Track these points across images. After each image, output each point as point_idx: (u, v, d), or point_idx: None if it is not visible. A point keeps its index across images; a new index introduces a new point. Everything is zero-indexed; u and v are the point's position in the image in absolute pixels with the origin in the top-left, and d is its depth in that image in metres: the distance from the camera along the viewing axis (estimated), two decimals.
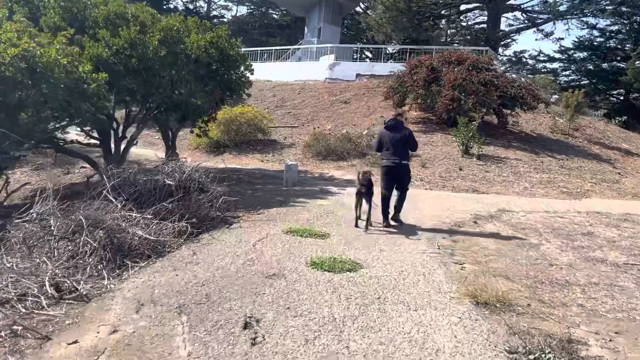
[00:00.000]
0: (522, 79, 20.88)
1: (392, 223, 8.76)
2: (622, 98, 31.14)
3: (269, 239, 7.24)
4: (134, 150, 19.53)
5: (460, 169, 16.37)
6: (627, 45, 30.36)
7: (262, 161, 17.85)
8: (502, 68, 22.42)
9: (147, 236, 6.33)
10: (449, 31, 36.55)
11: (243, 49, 16.79)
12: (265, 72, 30.51)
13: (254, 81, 29.81)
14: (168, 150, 15.03)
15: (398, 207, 8.93)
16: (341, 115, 23.24)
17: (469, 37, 32.73)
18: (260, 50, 32.72)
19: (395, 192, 8.96)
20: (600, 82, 28.88)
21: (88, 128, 11.81)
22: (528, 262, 6.91)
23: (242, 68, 14.89)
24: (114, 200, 6.98)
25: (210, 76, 13.63)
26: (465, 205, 11.40)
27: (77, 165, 16.99)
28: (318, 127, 21.00)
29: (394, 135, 8.74)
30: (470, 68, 20.10)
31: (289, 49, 32.82)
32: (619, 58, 30.78)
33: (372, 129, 19.88)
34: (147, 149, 20.59)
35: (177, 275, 5.55)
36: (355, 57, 31.63)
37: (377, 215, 8.78)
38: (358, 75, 28.61)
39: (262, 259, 6.26)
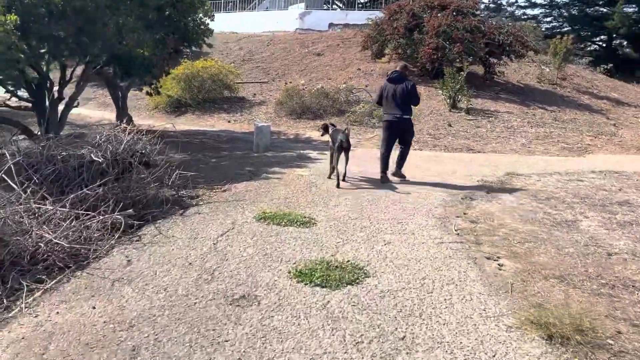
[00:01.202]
0: (509, 25, 18.96)
1: (393, 178, 8.29)
2: (604, 45, 29.59)
3: (236, 232, 5.30)
4: (82, 112, 17.18)
5: (450, 125, 14.56)
6: None
7: (229, 122, 15.69)
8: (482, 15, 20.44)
9: (58, 241, 4.33)
10: None
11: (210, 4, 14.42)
12: (230, 23, 27.82)
13: (218, 33, 27.16)
14: (118, 111, 12.77)
15: (400, 162, 8.38)
16: (315, 69, 21.03)
17: None
18: None
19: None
20: (584, 29, 27.19)
21: (12, 88, 9.48)
22: (577, 250, 5.16)
23: (200, 14, 12.57)
24: (15, 186, 4.91)
25: (161, 23, 11.31)
26: (467, 169, 9.62)
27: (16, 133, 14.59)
28: (290, 82, 18.82)
29: (396, 88, 8.16)
30: (455, 13, 18.03)
31: None
32: (601, 2, 29.04)
33: (350, 83, 17.82)
34: (100, 110, 18.18)
35: (93, 307, 3.59)
36: (326, 6, 29.09)
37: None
38: (331, 24, 26.22)
39: (226, 268, 4.33)
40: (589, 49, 28.22)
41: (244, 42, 25.84)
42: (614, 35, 27.89)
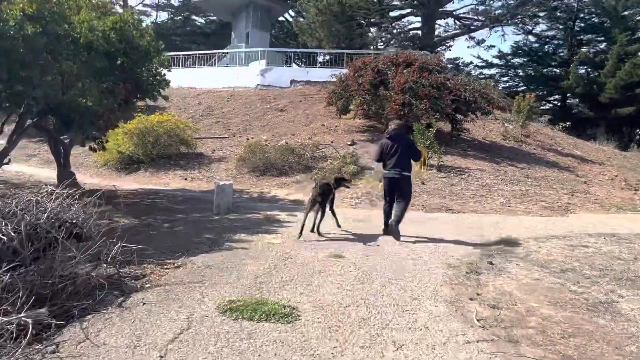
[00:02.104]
0: (475, 82, 18.53)
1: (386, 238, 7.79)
2: (559, 104, 29.96)
3: (192, 335, 3.82)
4: (22, 170, 15.38)
5: (423, 183, 13.52)
6: (563, 51, 29.25)
7: (185, 179, 14.20)
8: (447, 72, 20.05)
9: None
10: (383, 37, 34.27)
11: (165, 54, 13.18)
12: (189, 78, 26.77)
13: (176, 88, 26.03)
14: (60, 169, 11.13)
15: (398, 217, 7.94)
16: (277, 125, 19.96)
17: (405, 42, 30.54)
18: (184, 54, 28.82)
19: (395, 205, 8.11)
20: (539, 88, 27.40)
21: None
22: None
23: (155, 64, 11.33)
24: None
25: (111, 71, 9.97)
26: (454, 231, 8.45)
27: None
28: (252, 138, 17.61)
29: (396, 145, 8.01)
30: (421, 69, 17.43)
31: (216, 53, 29.11)
32: (554, 63, 29.59)
33: (314, 139, 16.76)
34: (44, 168, 16.38)
35: None
36: (287, 62, 28.47)
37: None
38: (293, 81, 25.44)
39: None
40: (544, 107, 28.40)
41: (203, 97, 24.69)
42: (569, 95, 28.28)
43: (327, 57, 29.36)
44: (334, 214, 8.33)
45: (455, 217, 10.68)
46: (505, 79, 31.65)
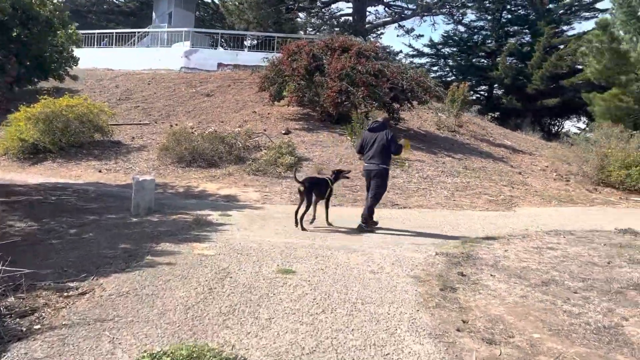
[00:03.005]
0: (411, 70, 17.83)
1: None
2: (487, 95, 30.22)
3: None
4: None
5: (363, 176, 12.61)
6: (491, 41, 29.44)
7: (100, 171, 12.44)
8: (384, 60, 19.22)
9: None
10: (314, 22, 33.08)
11: (74, 28, 11.33)
12: (105, 59, 24.45)
13: (90, 70, 23.68)
14: None
15: (367, 208, 7.89)
16: (204, 111, 18.37)
17: (335, 29, 29.58)
18: (99, 33, 26.23)
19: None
20: (469, 78, 27.40)
21: None
22: None
23: (61, 38, 9.59)
24: None
25: (6, 46, 8.20)
26: (411, 234, 7.55)
27: None
28: (176, 125, 15.98)
29: (376, 137, 7.85)
30: (358, 56, 16.47)
31: (135, 32, 26.75)
32: (483, 54, 29.75)
33: (246, 126, 15.43)
34: None
35: None
36: (214, 45, 26.63)
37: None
38: (220, 64, 23.79)
39: None
40: (472, 97, 28.51)
41: (121, 79, 22.52)
42: (497, 85, 28.54)
43: (257, 41, 27.86)
44: (327, 207, 8.07)
45: (402, 213, 9.82)
46: (436, 68, 31.60)
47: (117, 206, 8.74)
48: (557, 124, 31.25)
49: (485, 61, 29.85)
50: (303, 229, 7.45)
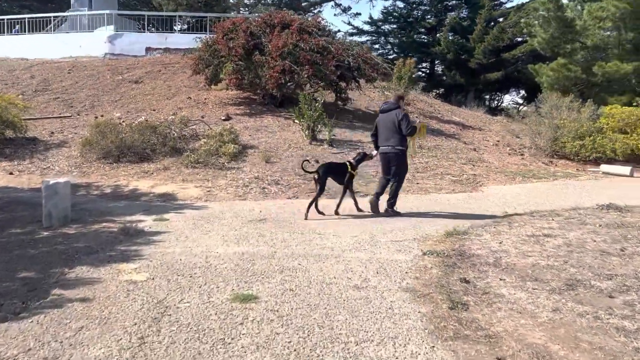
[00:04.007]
0: (357, 47, 16.66)
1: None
2: (428, 71, 29.58)
3: None
4: None
5: (317, 161, 11.36)
6: (431, 17, 28.68)
7: (11, 173, 10.52)
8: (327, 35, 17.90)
9: None
10: (247, 2, 31.24)
11: None
12: (18, 47, 21.88)
13: (1, 59, 21.14)
14: None
15: (390, 199, 7.43)
16: (133, 99, 16.49)
17: (270, 8, 27.94)
18: (9, 19, 23.41)
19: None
20: (411, 54, 26.49)
21: None
22: None
23: None
24: None
25: None
26: (382, 227, 6.38)
27: None
28: (102, 116, 14.10)
29: (386, 118, 7.42)
30: (300, 32, 15.09)
31: (52, 16, 24.06)
32: (423, 30, 29.02)
33: (181, 114, 13.78)
34: None
35: None
36: (141, 28, 24.37)
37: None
38: (148, 49, 21.75)
39: None
40: (417, 75, 27.74)
41: (37, 69, 20.08)
42: (439, 61, 27.96)
43: (187, 24, 25.85)
44: (342, 195, 7.54)
45: (365, 202, 8.65)
46: (377, 46, 30.56)
47: (26, 216, 7.07)
48: (498, 98, 31.15)
49: (427, 37, 29.14)
50: (320, 212, 7.16)
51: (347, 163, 7.52)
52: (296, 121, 13.47)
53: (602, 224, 6.58)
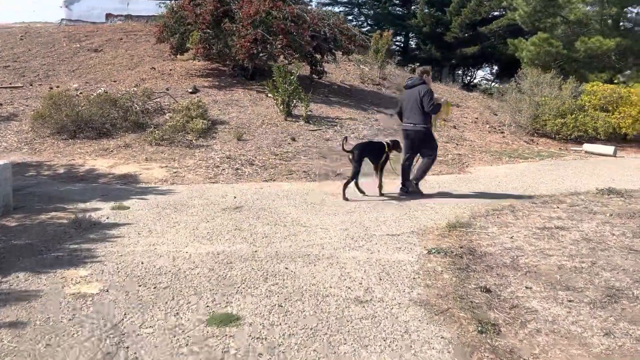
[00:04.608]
0: (333, 16, 15.68)
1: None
2: (402, 45, 28.69)
3: None
4: None
5: (294, 139, 10.52)
6: None
7: None
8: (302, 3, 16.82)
9: None
10: None
11: None
12: None
13: None
14: None
15: (418, 174, 7.10)
16: (92, 69, 15.17)
17: None
18: None
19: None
20: (386, 27, 25.41)
21: None
22: None
23: None
24: None
25: None
26: (367, 214, 5.63)
27: None
28: (58, 87, 12.83)
29: (410, 95, 6.96)
30: None
31: None
32: (399, 1, 28.03)
33: (144, 86, 12.63)
34: None
35: None
36: None
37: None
38: (109, 15, 20.28)
39: None
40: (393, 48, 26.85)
41: None
42: (414, 35, 27.10)
43: None
44: (380, 175, 7.14)
45: (350, 186, 7.88)
46: (350, 17, 29.41)
47: None
48: (470, 74, 30.59)
49: (402, 10, 28.19)
50: (345, 198, 6.66)
51: (385, 143, 7.13)
52: (270, 95, 12.52)
53: (612, 212, 5.98)
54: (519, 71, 16.68)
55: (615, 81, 15.69)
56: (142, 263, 4.04)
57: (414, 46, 28.77)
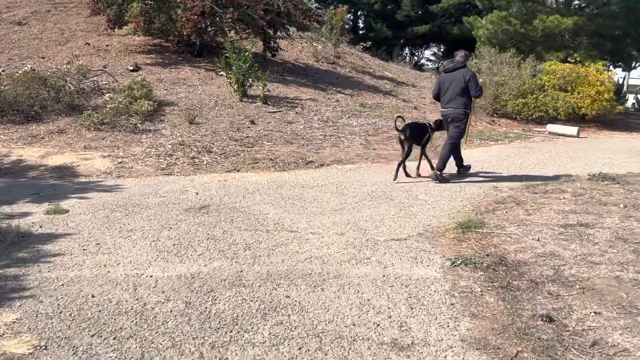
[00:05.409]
0: None
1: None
2: (353, 23, 27.72)
3: None
4: None
5: (253, 123, 9.44)
6: None
7: None
8: None
9: None
10: None
11: None
12: None
13: None
14: None
15: (439, 166, 6.68)
16: (16, 44, 13.31)
17: None
18: None
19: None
20: (335, 4, 24.35)
21: None
22: None
23: None
24: None
25: None
26: (374, 222, 4.75)
27: None
28: None
29: (451, 78, 6.60)
30: None
31: None
32: None
33: (78, 63, 11.08)
34: None
35: None
36: None
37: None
38: None
39: None
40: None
41: None
42: (364, 13, 26.20)
43: None
44: (425, 156, 7.02)
45: (324, 174, 6.97)
46: None
47: None
48: (418, 53, 30.15)
49: None
50: (407, 175, 6.75)
51: (428, 124, 7.08)
52: (222, 73, 11.32)
53: (624, 204, 5.38)
54: (475, 51, 16.21)
55: (571, 60, 15.48)
56: (93, 297, 2.97)
57: (365, 24, 27.89)
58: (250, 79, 10.86)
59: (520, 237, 4.24)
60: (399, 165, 6.64)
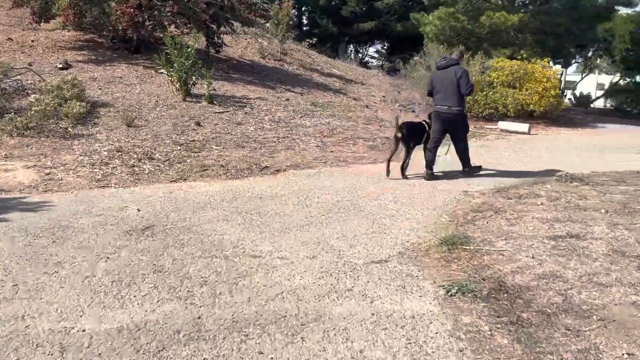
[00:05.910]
0: None
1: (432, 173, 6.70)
2: (298, 19, 27.07)
3: None
4: None
5: (199, 124, 8.65)
6: None
7: None
8: None
9: None
10: None
11: None
12: None
13: None
14: None
15: (464, 162, 6.95)
16: None
17: None
18: None
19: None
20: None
21: None
22: None
23: None
24: None
25: None
26: (344, 239, 4.18)
27: None
28: None
29: (444, 76, 6.65)
30: None
31: None
32: None
33: (1, 60, 9.91)
34: None
35: None
36: None
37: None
38: None
39: None
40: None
41: None
42: (309, 8, 25.59)
43: None
44: (425, 152, 6.81)
45: (283, 181, 6.34)
46: None
47: None
48: (363, 50, 29.92)
49: None
50: (405, 177, 6.63)
51: (425, 123, 6.94)
52: (162, 71, 10.43)
53: (605, 209, 5.08)
54: (423, 47, 16.02)
55: (518, 57, 15.55)
56: None
57: (309, 20, 27.31)
58: (193, 77, 10.05)
59: (513, 254, 3.79)
60: (401, 168, 6.60)
